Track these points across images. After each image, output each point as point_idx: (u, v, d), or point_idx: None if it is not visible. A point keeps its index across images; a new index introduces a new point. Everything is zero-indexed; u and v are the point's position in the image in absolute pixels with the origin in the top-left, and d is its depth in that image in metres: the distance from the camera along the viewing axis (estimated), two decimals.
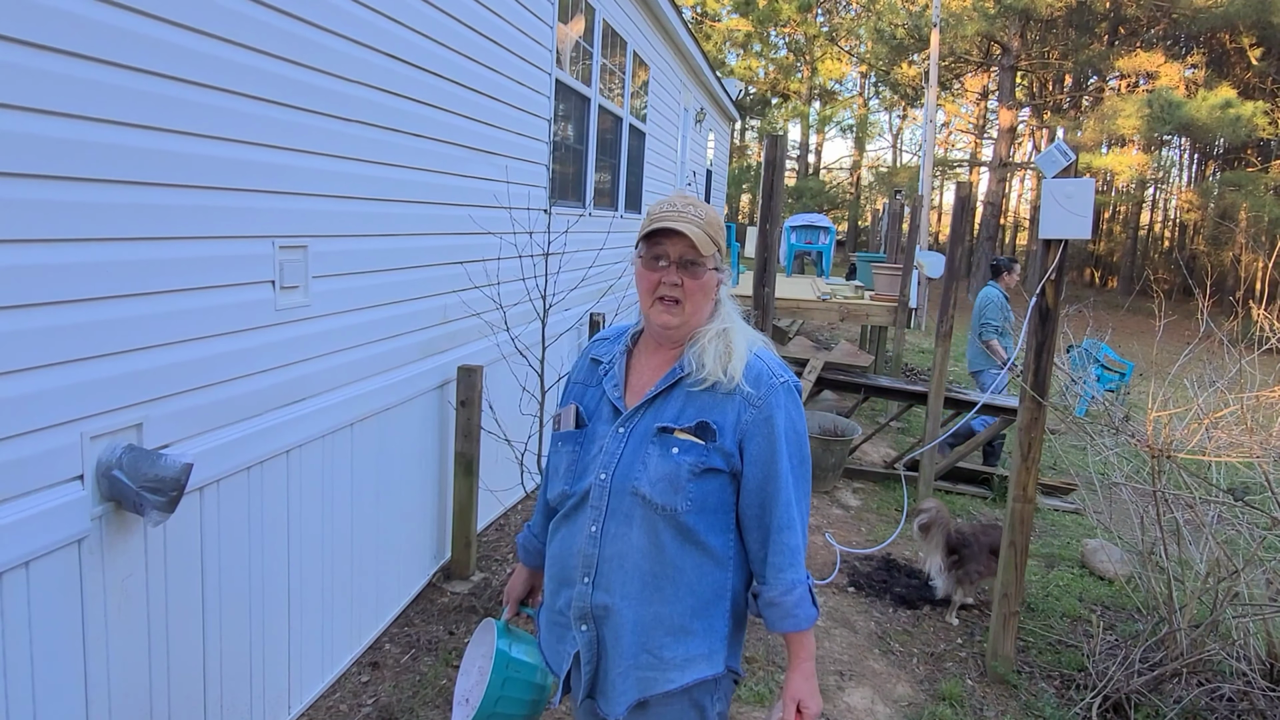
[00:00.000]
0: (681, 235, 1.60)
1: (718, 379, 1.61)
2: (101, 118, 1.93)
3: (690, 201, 1.66)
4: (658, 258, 1.64)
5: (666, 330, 1.67)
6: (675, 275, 1.63)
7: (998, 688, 3.60)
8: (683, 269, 1.62)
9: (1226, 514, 3.66)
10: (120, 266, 2.03)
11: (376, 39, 3.08)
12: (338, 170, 2.92)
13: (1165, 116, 19.23)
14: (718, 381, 1.61)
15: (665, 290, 1.63)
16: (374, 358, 3.30)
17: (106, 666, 2.09)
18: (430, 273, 3.71)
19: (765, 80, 34.41)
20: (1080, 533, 5.64)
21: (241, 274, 2.48)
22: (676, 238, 1.61)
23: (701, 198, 14.20)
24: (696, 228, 1.61)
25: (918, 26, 24.56)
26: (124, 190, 2.02)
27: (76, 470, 1.97)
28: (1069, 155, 3.36)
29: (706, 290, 1.66)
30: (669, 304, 1.64)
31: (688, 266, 1.62)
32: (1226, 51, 25.88)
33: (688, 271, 1.63)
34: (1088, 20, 23.96)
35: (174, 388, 2.24)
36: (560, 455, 1.74)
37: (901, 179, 28.82)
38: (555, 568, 1.74)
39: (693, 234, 1.59)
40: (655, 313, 1.66)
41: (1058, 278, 3.46)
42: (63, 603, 1.95)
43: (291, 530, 2.85)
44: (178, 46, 2.13)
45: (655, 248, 1.64)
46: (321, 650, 3.12)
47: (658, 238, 1.63)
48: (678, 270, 1.63)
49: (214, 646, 2.51)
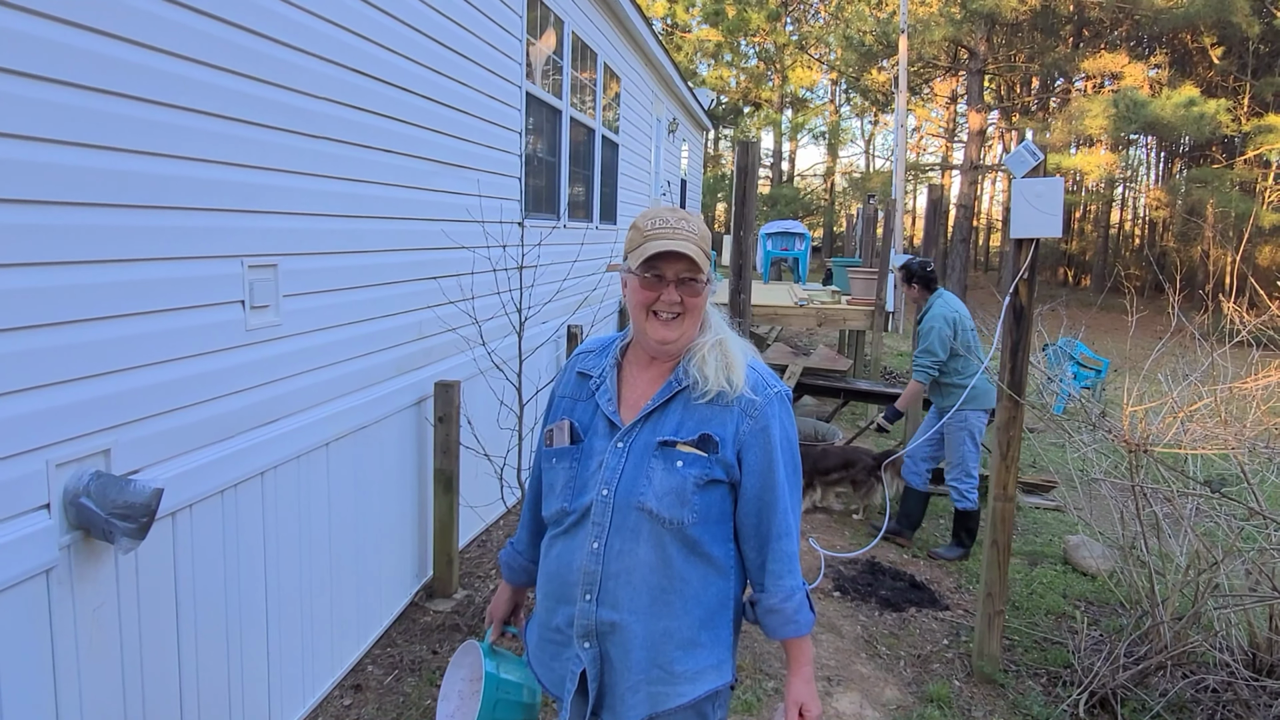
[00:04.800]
0: (684, 256, 1.59)
1: (721, 389, 1.61)
2: (63, 139, 1.89)
3: (682, 216, 1.65)
4: (657, 275, 1.61)
5: (664, 345, 1.65)
6: (675, 294, 1.61)
7: (985, 687, 3.61)
8: (682, 286, 1.61)
9: (1205, 506, 3.69)
10: (84, 290, 1.99)
11: (344, 55, 3.06)
12: (307, 188, 2.89)
13: (1131, 116, 19.51)
14: (721, 391, 1.61)
15: (663, 308, 1.62)
16: (348, 375, 3.26)
17: (79, 697, 2.04)
18: (404, 289, 3.68)
19: (737, 89, 34.61)
20: (1062, 529, 5.67)
21: (210, 295, 2.45)
22: (677, 258, 1.59)
23: (677, 207, 14.34)
24: (695, 245, 1.60)
25: (886, 33, 24.81)
26: (85, 212, 1.98)
27: (43, 499, 1.92)
28: (1037, 155, 3.39)
29: (704, 303, 1.67)
30: (668, 320, 1.63)
31: (686, 284, 1.61)
32: (1189, 51, 26.33)
33: (687, 289, 1.62)
34: (1052, 23, 24.29)
35: (143, 412, 2.20)
36: (556, 472, 1.72)
37: (875, 184, 29.04)
38: (552, 585, 1.71)
39: (694, 254, 1.58)
40: (653, 328, 1.64)
41: (1030, 276, 3.49)
42: (32, 634, 1.90)
43: (268, 553, 2.81)
44: (138, 66, 2.10)
45: (654, 266, 1.61)
46: (302, 674, 3.07)
47: (659, 258, 1.60)
48: (677, 288, 1.61)
49: (190, 674, 2.46)
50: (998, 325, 3.56)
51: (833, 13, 29.19)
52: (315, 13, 2.87)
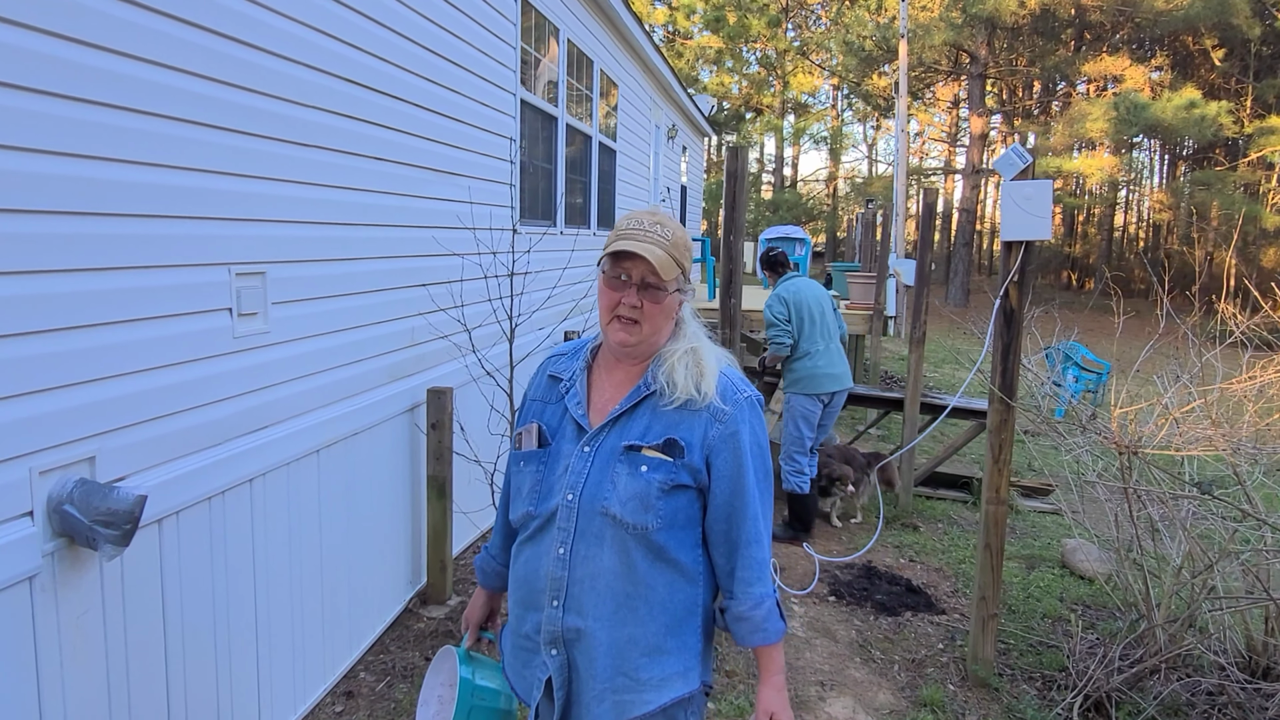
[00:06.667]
0: (643, 258, 1.58)
1: (690, 396, 1.59)
2: (47, 149, 1.91)
3: (659, 220, 1.64)
4: (620, 276, 1.61)
5: (624, 348, 1.65)
6: (635, 297, 1.61)
7: (979, 691, 3.59)
8: (643, 291, 1.60)
9: (1200, 509, 3.68)
10: (68, 298, 2.01)
11: (334, 64, 3.08)
12: (296, 195, 2.91)
13: (1132, 118, 19.51)
14: (690, 399, 1.60)
15: (624, 310, 1.62)
16: (339, 383, 3.27)
17: (63, 706, 2.04)
18: (395, 295, 3.69)
19: (739, 95, 34.68)
20: (1060, 533, 5.65)
21: (196, 302, 2.46)
22: (639, 259, 1.59)
23: (676, 214, 14.18)
24: (661, 250, 1.59)
25: (886, 38, 24.85)
26: (68, 221, 1.99)
27: (26, 506, 1.93)
28: (1026, 158, 3.39)
29: (667, 312, 1.65)
30: (627, 323, 1.62)
31: (648, 289, 1.60)
32: (1190, 53, 26.35)
33: (648, 294, 1.61)
34: (1053, 27, 24.31)
35: (128, 419, 2.21)
36: (523, 475, 1.71)
37: (877, 189, 29.06)
38: (521, 591, 1.70)
39: (655, 257, 1.57)
40: (613, 330, 1.64)
41: (1021, 279, 3.48)
42: (14, 641, 1.91)
43: (258, 560, 2.81)
44: (124, 76, 2.11)
45: (618, 266, 1.62)
46: (293, 682, 3.07)
47: (621, 257, 1.61)
48: (638, 292, 1.61)
49: (178, 682, 2.46)
50: (989, 328, 3.56)
51: (833, 18, 29.22)
52: (305, 22, 2.89)
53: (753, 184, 37.69)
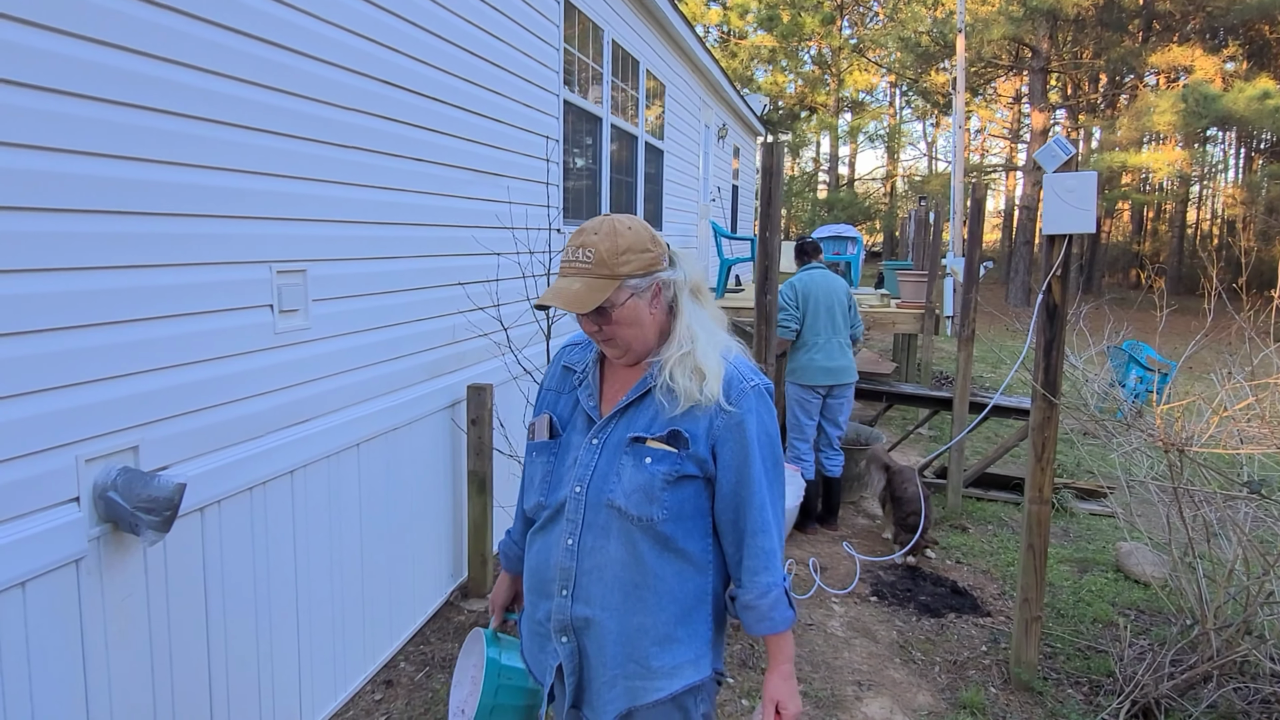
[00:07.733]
0: (561, 304, 1.55)
1: (695, 401, 1.59)
2: (99, 152, 2.00)
3: (584, 241, 1.59)
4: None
5: (618, 360, 1.69)
6: (590, 324, 1.62)
7: (1022, 695, 3.52)
8: (599, 315, 1.60)
9: (1257, 510, 3.55)
10: (115, 294, 2.10)
11: (374, 68, 3.16)
12: (337, 196, 2.99)
13: (1201, 110, 18.82)
14: (694, 405, 1.59)
15: (591, 336, 1.66)
16: (379, 379, 3.35)
17: (108, 686, 2.14)
18: (435, 294, 3.76)
19: (794, 95, 34.41)
20: (1116, 536, 5.49)
21: (239, 299, 2.54)
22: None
23: (727, 214, 14.10)
24: (580, 282, 1.56)
25: (943, 33, 24.41)
26: (116, 220, 2.08)
27: (72, 492, 2.03)
28: (1068, 149, 3.32)
29: (634, 319, 1.61)
30: (604, 342, 1.66)
31: (595, 313, 1.59)
32: (1266, 42, 25.29)
33: (598, 317, 1.60)
34: (1119, 18, 23.59)
35: (171, 410, 2.30)
36: (535, 466, 1.74)
37: (935, 186, 28.54)
38: (533, 580, 1.73)
39: (568, 299, 1.55)
40: (601, 347, 1.69)
41: (1064, 273, 3.40)
42: (61, 622, 2.00)
43: (299, 550, 2.90)
44: (168, 81, 2.20)
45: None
46: (334, 669, 3.15)
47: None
48: (592, 319, 1.61)
49: (219, 666, 2.55)
50: (1030, 323, 3.49)
51: (889, 14, 28.80)
52: (345, 27, 2.96)
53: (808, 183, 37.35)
